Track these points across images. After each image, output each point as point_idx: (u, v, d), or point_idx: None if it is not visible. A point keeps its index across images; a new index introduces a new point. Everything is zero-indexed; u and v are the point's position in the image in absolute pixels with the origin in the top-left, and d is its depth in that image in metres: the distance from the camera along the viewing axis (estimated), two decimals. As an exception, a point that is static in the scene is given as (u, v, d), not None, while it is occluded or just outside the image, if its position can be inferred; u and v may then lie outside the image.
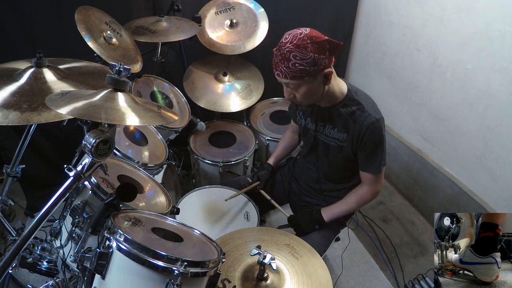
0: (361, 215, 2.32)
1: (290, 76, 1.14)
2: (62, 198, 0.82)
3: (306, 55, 1.10)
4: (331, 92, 1.27)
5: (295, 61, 1.11)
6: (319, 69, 1.14)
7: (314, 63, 1.12)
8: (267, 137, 2.09)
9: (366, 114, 1.26)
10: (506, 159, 1.81)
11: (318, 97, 1.25)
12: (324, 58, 1.13)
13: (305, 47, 1.10)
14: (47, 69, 1.06)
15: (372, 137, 1.27)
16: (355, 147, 1.32)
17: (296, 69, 1.12)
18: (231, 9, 2.18)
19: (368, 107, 1.28)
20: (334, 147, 1.38)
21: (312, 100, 1.27)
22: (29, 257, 1.18)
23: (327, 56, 1.14)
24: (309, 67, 1.12)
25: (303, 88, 1.19)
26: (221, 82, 2.21)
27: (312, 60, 1.11)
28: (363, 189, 1.41)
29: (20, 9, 1.86)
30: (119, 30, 1.68)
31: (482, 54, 1.82)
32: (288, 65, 1.12)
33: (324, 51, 1.13)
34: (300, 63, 1.11)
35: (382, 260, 2.03)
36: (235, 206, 1.55)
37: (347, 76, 2.92)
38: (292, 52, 1.10)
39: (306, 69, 1.12)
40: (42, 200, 2.17)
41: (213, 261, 0.89)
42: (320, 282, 1.06)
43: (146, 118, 0.82)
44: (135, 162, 1.41)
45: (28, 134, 1.24)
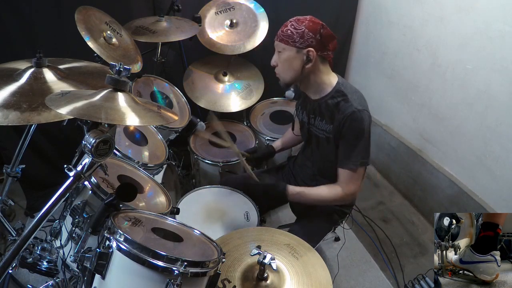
0: (361, 215, 2.32)
1: (280, 38, 1.29)
2: (62, 198, 0.82)
3: (299, 26, 1.25)
4: (320, 84, 1.34)
5: (288, 28, 1.26)
6: (304, 44, 1.25)
7: (302, 36, 1.25)
8: (267, 137, 2.09)
9: (348, 104, 1.28)
10: (506, 159, 1.81)
11: (294, 73, 1.31)
12: (312, 37, 1.25)
13: (302, 21, 1.26)
14: (47, 69, 1.06)
15: (351, 128, 1.28)
16: (337, 138, 1.33)
17: (286, 33, 1.27)
18: (231, 9, 2.18)
19: (352, 98, 1.29)
20: (323, 139, 1.39)
21: (287, 72, 1.32)
22: (29, 257, 1.18)
23: (316, 38, 1.25)
24: (297, 36, 1.25)
25: (285, 54, 1.29)
26: (221, 82, 2.21)
27: (301, 32, 1.24)
28: (337, 186, 1.36)
29: (20, 9, 1.86)
30: (119, 30, 1.68)
31: (482, 54, 1.82)
32: (283, 29, 1.28)
33: (316, 32, 1.25)
34: (291, 30, 1.26)
35: (382, 260, 2.03)
36: (235, 206, 1.55)
37: (347, 76, 2.92)
38: (292, 22, 1.27)
39: (293, 37, 1.25)
40: (42, 200, 2.17)
41: (213, 261, 0.89)
42: (320, 282, 1.06)
43: (146, 118, 0.82)
44: (135, 162, 1.41)
45: (28, 134, 1.24)
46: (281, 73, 1.34)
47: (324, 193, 1.38)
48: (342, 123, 1.28)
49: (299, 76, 1.31)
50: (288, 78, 1.34)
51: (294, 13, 1.30)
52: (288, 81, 1.35)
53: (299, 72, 1.30)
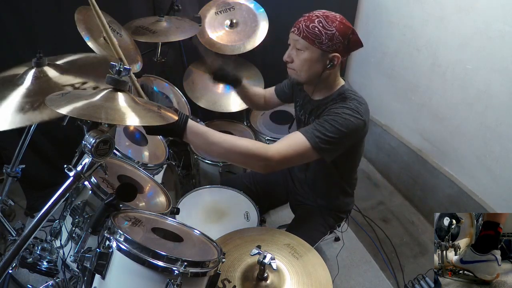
0: (361, 215, 2.32)
1: (304, 34, 1.14)
2: (62, 198, 0.82)
3: (329, 26, 1.12)
4: (328, 86, 1.26)
5: (316, 25, 1.12)
6: (331, 48, 1.14)
7: (331, 39, 1.12)
8: (267, 137, 2.09)
9: (344, 103, 1.17)
10: (506, 159, 1.81)
11: (313, 75, 1.20)
12: (341, 42, 1.14)
13: (332, 21, 1.12)
14: (48, 67, 1.05)
15: (334, 110, 1.14)
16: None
17: (312, 31, 1.12)
18: (231, 9, 2.18)
19: (350, 102, 1.18)
20: None
21: (305, 73, 1.21)
22: (29, 257, 1.18)
23: (344, 44, 1.15)
24: (325, 38, 1.12)
25: (306, 54, 1.16)
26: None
27: (331, 34, 1.12)
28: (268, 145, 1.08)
29: (20, 9, 1.85)
30: (119, 30, 1.68)
31: (482, 54, 1.82)
32: (308, 25, 1.13)
33: (346, 36, 1.14)
34: (319, 29, 1.12)
35: (382, 260, 2.03)
36: (235, 206, 1.55)
37: (347, 76, 2.92)
38: (319, 18, 1.13)
39: (321, 37, 1.12)
40: (42, 200, 2.16)
41: (213, 261, 0.89)
42: (320, 282, 1.06)
43: (146, 118, 0.82)
44: (135, 162, 1.41)
45: (28, 134, 1.24)
46: (298, 71, 1.22)
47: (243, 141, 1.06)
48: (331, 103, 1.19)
49: (316, 79, 1.21)
50: (305, 78, 1.23)
51: (294, 13, 1.26)
52: (304, 81, 1.26)
53: (318, 75, 1.19)
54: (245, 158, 1.06)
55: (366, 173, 2.73)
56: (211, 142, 1.02)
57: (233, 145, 1.04)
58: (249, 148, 1.04)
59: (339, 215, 1.53)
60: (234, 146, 1.04)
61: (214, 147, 1.03)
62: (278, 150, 1.07)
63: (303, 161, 1.19)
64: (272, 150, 1.06)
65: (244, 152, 1.04)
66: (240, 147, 1.04)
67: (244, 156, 1.05)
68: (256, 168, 1.08)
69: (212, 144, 1.03)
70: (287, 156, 1.08)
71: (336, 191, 1.48)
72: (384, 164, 2.69)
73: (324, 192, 1.50)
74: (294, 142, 1.11)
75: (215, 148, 1.03)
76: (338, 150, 1.17)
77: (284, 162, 1.09)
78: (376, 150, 2.71)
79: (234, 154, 1.05)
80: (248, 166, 1.11)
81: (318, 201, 1.52)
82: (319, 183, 1.48)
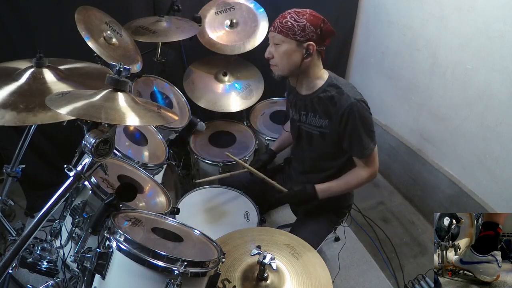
0: (361, 215, 2.32)
1: (279, 30, 1.26)
2: (62, 198, 0.82)
3: (300, 19, 1.24)
4: (314, 78, 1.34)
5: (289, 20, 1.24)
6: (305, 38, 1.24)
7: (303, 29, 1.23)
8: (267, 137, 2.09)
9: (344, 96, 1.27)
10: (506, 159, 1.81)
11: (293, 66, 1.29)
12: (313, 31, 1.24)
13: (303, 14, 1.25)
14: (47, 70, 1.05)
15: (352, 118, 1.27)
16: (338, 131, 1.32)
17: (286, 25, 1.24)
18: (231, 9, 2.18)
19: (346, 90, 1.29)
20: (317, 136, 1.38)
21: (286, 65, 1.30)
22: (29, 257, 1.18)
23: (317, 33, 1.25)
24: (298, 29, 1.23)
25: (284, 46, 1.27)
26: (221, 82, 2.21)
27: (303, 25, 1.23)
28: (359, 171, 1.39)
29: (20, 9, 1.86)
30: (119, 30, 1.68)
31: (482, 54, 1.82)
32: (282, 21, 1.26)
33: (317, 26, 1.24)
34: (292, 22, 1.24)
35: (382, 260, 2.03)
36: (235, 206, 1.55)
37: (347, 76, 2.92)
38: (291, 14, 1.26)
39: (294, 29, 1.23)
40: (42, 200, 2.15)
41: (213, 261, 0.89)
42: (320, 282, 1.06)
43: (146, 118, 0.82)
44: (135, 162, 1.41)
45: (28, 134, 1.24)
46: (279, 65, 1.32)
47: (351, 180, 1.40)
48: (342, 115, 1.27)
49: (297, 70, 1.30)
50: (286, 71, 1.32)
51: None
52: (285, 74, 1.34)
53: (298, 65, 1.29)
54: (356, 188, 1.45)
55: (366, 173, 2.73)
56: (334, 192, 1.42)
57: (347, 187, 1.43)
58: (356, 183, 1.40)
59: (341, 210, 1.55)
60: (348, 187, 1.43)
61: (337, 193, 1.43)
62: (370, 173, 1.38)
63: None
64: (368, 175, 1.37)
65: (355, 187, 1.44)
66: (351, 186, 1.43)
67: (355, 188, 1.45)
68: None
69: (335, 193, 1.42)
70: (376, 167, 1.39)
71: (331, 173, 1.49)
72: (384, 164, 2.69)
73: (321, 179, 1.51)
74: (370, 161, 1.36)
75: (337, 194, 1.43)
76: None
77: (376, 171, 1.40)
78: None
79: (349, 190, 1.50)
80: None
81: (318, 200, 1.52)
82: (319, 181, 1.48)
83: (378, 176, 2.70)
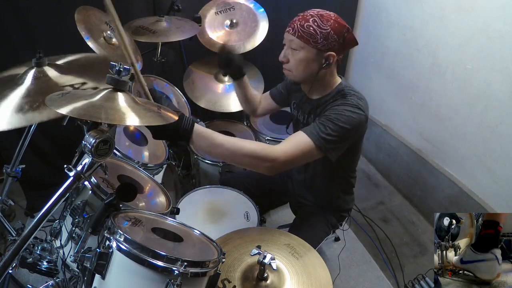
0: (361, 215, 2.32)
1: (299, 34, 1.13)
2: (62, 198, 0.82)
3: (324, 25, 1.12)
4: (326, 85, 1.26)
5: (311, 24, 1.12)
6: (327, 47, 1.14)
7: (326, 38, 1.12)
8: (267, 137, 2.09)
9: (345, 99, 1.18)
10: (506, 159, 1.81)
11: (309, 75, 1.20)
12: (336, 41, 1.14)
13: (327, 20, 1.13)
14: (48, 67, 1.05)
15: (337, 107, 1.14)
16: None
17: (307, 31, 1.12)
18: (231, 9, 2.18)
19: (351, 98, 1.18)
20: None
21: (301, 73, 1.21)
22: (29, 257, 1.18)
23: (339, 42, 1.15)
24: (320, 37, 1.12)
25: (302, 53, 1.16)
26: (221, 82, 2.21)
27: (326, 33, 1.12)
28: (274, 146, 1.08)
29: (20, 9, 1.86)
30: (119, 30, 1.68)
31: (482, 54, 1.82)
32: (303, 24, 1.13)
33: (341, 35, 1.14)
34: (314, 28, 1.12)
35: (382, 260, 2.03)
36: (235, 206, 1.55)
37: (347, 76, 2.92)
38: (314, 17, 1.13)
39: (316, 37, 1.12)
40: (42, 200, 2.16)
41: (213, 261, 0.89)
42: (320, 282, 1.06)
43: (146, 118, 0.82)
44: (135, 162, 1.41)
45: (28, 134, 1.24)
46: (293, 71, 1.22)
47: (248, 145, 1.05)
48: (331, 102, 1.19)
49: (312, 79, 1.21)
50: (301, 78, 1.24)
51: (294, 13, 1.25)
52: (300, 81, 1.27)
53: (314, 75, 1.20)
54: (250, 160, 1.05)
55: (366, 173, 2.73)
56: (217, 144, 1.01)
57: (239, 147, 1.04)
58: (255, 150, 1.04)
59: (341, 213, 1.53)
60: (240, 148, 1.04)
61: (219, 149, 1.02)
62: (283, 151, 1.07)
63: (308, 161, 1.19)
64: (277, 151, 1.06)
65: (249, 154, 1.04)
66: (246, 149, 1.04)
67: (250, 158, 1.05)
68: (261, 169, 1.07)
69: (218, 147, 1.02)
70: (292, 156, 1.08)
71: (337, 190, 1.48)
72: (384, 164, 2.69)
73: (325, 192, 1.49)
74: (298, 143, 1.10)
75: (220, 150, 1.02)
76: (342, 148, 1.16)
77: (289, 163, 1.09)
78: (376, 150, 2.71)
79: (239, 156, 1.05)
80: (254, 168, 1.08)
81: (318, 202, 1.52)
82: (319, 183, 1.47)
83: (378, 176, 2.70)
